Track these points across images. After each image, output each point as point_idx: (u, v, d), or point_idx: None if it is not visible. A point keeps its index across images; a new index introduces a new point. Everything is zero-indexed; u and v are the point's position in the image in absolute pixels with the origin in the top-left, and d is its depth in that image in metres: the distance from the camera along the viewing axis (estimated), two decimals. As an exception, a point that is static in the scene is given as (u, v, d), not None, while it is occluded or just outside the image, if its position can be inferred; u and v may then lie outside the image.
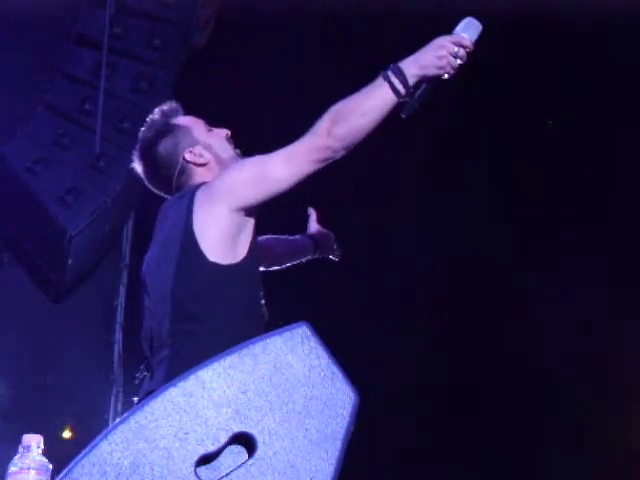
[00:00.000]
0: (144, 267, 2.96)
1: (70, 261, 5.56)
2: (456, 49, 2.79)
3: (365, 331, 6.08)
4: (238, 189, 2.78)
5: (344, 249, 3.38)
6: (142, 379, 2.82)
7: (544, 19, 5.80)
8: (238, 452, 2.04)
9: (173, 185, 3.03)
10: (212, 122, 3.13)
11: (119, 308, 6.17)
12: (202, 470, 2.01)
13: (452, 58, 2.77)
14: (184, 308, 2.77)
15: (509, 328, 6.17)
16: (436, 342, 6.23)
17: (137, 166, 3.09)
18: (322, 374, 2.10)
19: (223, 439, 2.01)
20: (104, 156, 5.56)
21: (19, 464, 2.14)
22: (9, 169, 5.49)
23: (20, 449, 2.17)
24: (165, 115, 3.08)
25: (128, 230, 6.27)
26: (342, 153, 2.73)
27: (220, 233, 2.77)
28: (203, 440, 2.00)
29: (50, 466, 2.19)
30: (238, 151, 3.06)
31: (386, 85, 2.74)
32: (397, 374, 6.06)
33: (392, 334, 6.15)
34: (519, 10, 5.72)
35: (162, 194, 3.08)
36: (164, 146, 3.03)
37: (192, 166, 3.01)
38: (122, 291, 6.20)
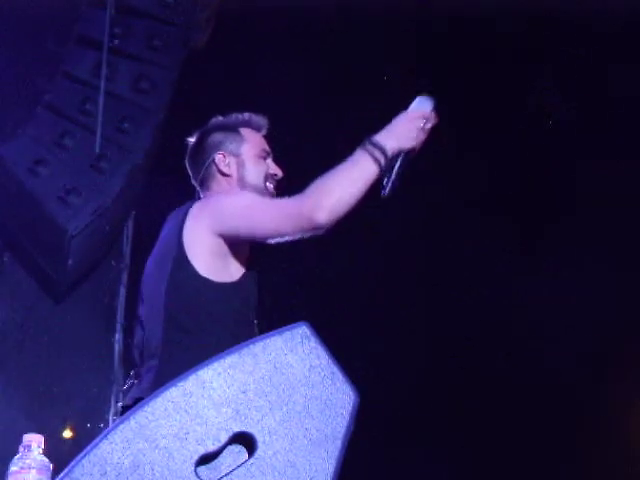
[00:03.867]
0: (143, 276, 3.00)
1: (70, 261, 5.56)
2: (423, 122, 2.87)
3: (365, 331, 6.08)
4: (225, 216, 2.84)
5: (344, 248, 3.39)
6: (130, 386, 2.86)
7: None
8: (238, 452, 2.04)
9: (199, 176, 3.10)
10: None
11: (119, 308, 6.17)
12: (202, 470, 2.01)
13: (421, 130, 2.86)
14: (175, 320, 2.82)
15: (509, 327, 6.17)
16: (436, 341, 6.23)
17: (191, 139, 3.17)
18: (322, 374, 2.11)
19: (223, 439, 2.01)
20: (104, 156, 5.56)
21: (20, 463, 2.14)
22: (9, 169, 5.49)
23: (21, 449, 2.18)
24: (244, 119, 3.12)
25: (128, 230, 6.27)
26: (327, 227, 2.73)
27: (207, 250, 2.83)
28: (203, 440, 2.00)
29: (50, 465, 2.19)
30: (273, 191, 3.05)
31: (368, 158, 2.79)
32: (397, 374, 6.06)
33: (392, 334, 6.15)
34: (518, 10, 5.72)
35: (191, 178, 3.16)
36: (214, 137, 3.10)
37: (216, 170, 3.06)
38: (122, 291, 6.20)
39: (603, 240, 6.12)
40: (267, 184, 3.05)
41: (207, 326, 2.78)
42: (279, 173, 3.08)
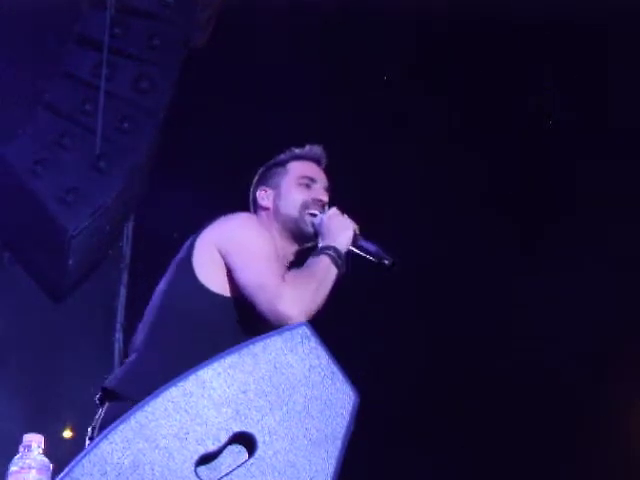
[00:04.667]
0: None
1: (70, 261, 5.56)
2: (340, 214, 2.98)
3: (365, 331, 6.08)
4: (228, 242, 2.85)
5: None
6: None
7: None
8: (238, 452, 2.04)
9: (251, 211, 3.12)
10: (212, 122, 3.14)
11: (119, 308, 6.17)
12: (202, 470, 2.01)
13: (344, 218, 2.97)
14: (163, 319, 2.85)
15: (509, 327, 6.17)
16: (436, 341, 6.22)
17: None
18: (322, 374, 2.11)
19: (223, 439, 2.01)
20: (104, 156, 5.56)
21: (20, 463, 2.15)
22: (9, 169, 5.49)
23: (21, 449, 2.18)
24: (295, 152, 3.14)
25: (128, 230, 6.27)
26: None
27: (209, 259, 2.85)
28: (203, 440, 2.00)
29: (51, 465, 2.19)
30: (311, 218, 3.02)
31: (326, 259, 2.86)
32: (397, 374, 6.06)
33: (392, 334, 6.15)
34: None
35: None
36: (262, 174, 3.14)
37: (258, 205, 3.08)
38: (122, 291, 6.20)
39: (603, 240, 6.12)
40: (306, 212, 3.01)
41: (190, 331, 2.78)
42: (323, 198, 3.05)
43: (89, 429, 2.82)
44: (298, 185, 3.06)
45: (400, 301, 6.14)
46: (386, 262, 2.96)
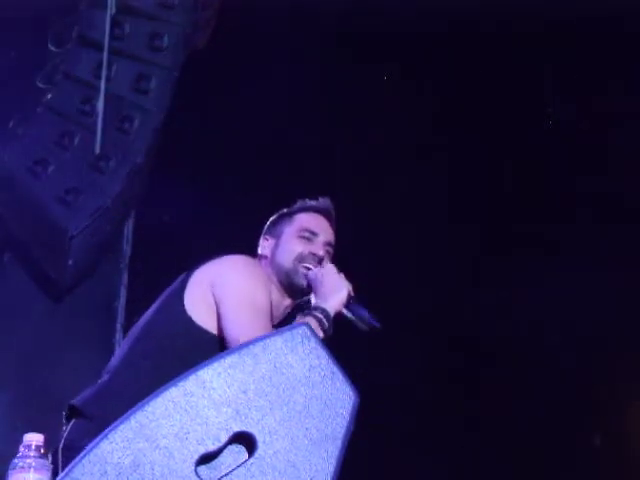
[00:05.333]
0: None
1: (70, 261, 5.56)
2: (338, 273, 2.95)
3: (365, 331, 6.07)
4: (223, 288, 2.81)
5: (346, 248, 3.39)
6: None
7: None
8: (238, 452, 2.04)
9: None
10: (211, 122, 3.14)
11: (119, 309, 6.16)
12: (203, 470, 2.01)
13: (341, 278, 2.94)
14: (141, 344, 2.82)
15: (509, 327, 6.17)
16: (436, 341, 6.23)
17: None
18: (322, 374, 2.11)
19: (223, 439, 2.01)
20: (104, 156, 5.56)
21: (20, 463, 2.15)
22: (9, 169, 5.49)
23: (21, 448, 2.18)
24: (305, 204, 3.10)
25: (128, 230, 6.27)
26: None
27: (202, 297, 2.82)
28: (203, 440, 2.00)
29: (51, 466, 2.20)
30: (305, 271, 2.98)
31: (313, 322, 2.79)
32: (397, 374, 6.06)
33: (392, 334, 6.14)
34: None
35: None
36: (268, 224, 3.11)
37: (259, 250, 3.07)
38: (122, 292, 6.20)
39: (603, 240, 6.12)
40: (301, 264, 2.98)
41: (168, 362, 2.69)
42: (319, 253, 3.01)
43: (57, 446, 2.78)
44: (299, 237, 3.03)
45: (400, 301, 6.13)
46: (376, 326, 2.94)
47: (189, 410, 2.00)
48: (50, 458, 2.55)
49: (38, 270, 5.79)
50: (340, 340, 2.77)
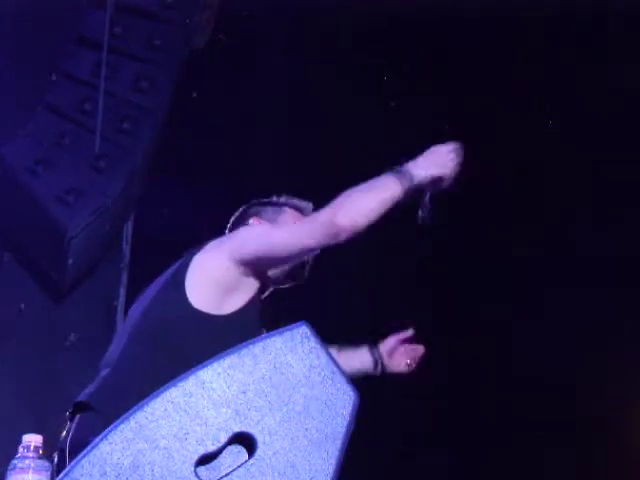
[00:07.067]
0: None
1: (70, 261, 5.55)
2: (452, 153, 2.89)
3: (365, 331, 6.07)
4: (242, 241, 2.83)
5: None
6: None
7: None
8: (238, 452, 2.04)
9: None
10: (212, 122, 3.13)
11: (119, 308, 6.16)
12: (202, 470, 2.01)
13: (451, 161, 2.88)
14: (140, 335, 2.78)
15: (509, 327, 6.17)
16: (436, 341, 6.21)
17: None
18: (322, 374, 2.10)
19: (223, 439, 2.01)
20: (104, 156, 5.55)
21: (19, 464, 2.15)
22: (9, 169, 5.49)
23: (20, 449, 2.18)
24: (293, 201, 3.13)
25: (128, 230, 6.26)
26: (346, 234, 2.73)
27: (209, 279, 2.78)
28: (203, 440, 2.00)
29: (50, 466, 2.19)
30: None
31: (393, 180, 2.80)
32: (397, 374, 6.05)
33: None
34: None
35: None
36: (256, 208, 3.12)
37: None
38: (122, 292, 6.20)
39: (603, 240, 6.12)
40: None
41: (167, 348, 2.68)
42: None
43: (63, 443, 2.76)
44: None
45: (400, 301, 6.14)
46: (429, 224, 2.88)
47: (189, 410, 2.00)
48: (56, 458, 2.54)
49: (38, 270, 5.79)
50: (340, 340, 2.76)
